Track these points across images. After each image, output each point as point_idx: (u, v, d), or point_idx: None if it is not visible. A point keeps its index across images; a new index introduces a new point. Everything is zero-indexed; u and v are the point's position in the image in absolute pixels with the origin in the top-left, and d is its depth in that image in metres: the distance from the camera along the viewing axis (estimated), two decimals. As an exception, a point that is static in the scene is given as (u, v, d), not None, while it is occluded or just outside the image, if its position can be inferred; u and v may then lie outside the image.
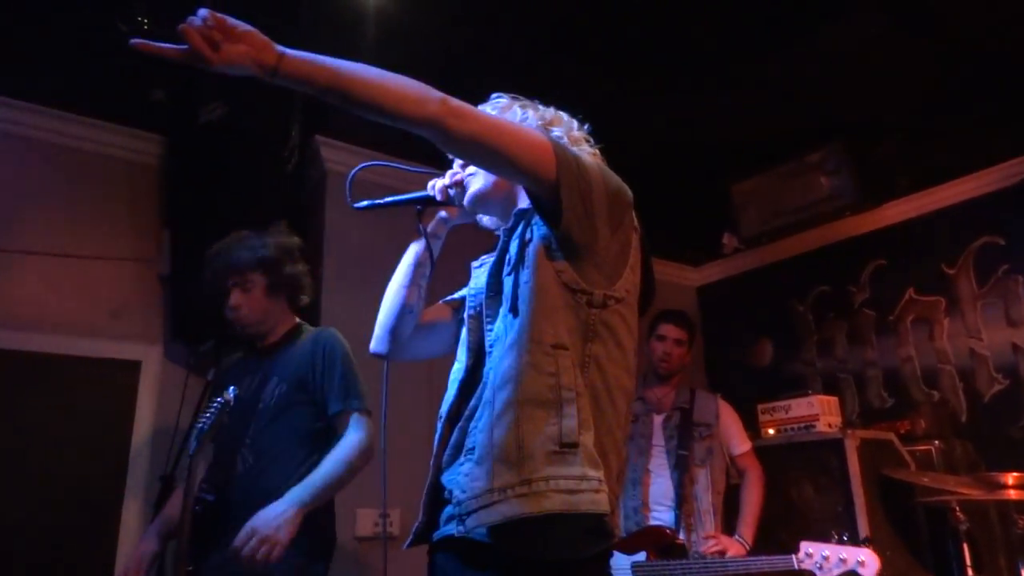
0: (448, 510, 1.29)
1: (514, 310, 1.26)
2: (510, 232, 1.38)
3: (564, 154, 1.25)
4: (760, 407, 3.32)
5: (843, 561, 1.86)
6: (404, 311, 1.52)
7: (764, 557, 2.17)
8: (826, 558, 1.89)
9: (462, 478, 1.21)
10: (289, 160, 3.33)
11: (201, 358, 2.72)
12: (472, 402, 1.30)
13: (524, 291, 1.25)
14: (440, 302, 1.62)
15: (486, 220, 1.58)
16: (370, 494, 3.12)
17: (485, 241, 1.57)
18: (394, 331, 1.52)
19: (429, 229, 1.52)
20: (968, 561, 2.58)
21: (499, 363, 1.24)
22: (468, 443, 1.25)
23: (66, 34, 2.87)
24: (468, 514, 1.17)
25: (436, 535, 1.33)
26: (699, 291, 4.95)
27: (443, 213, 1.56)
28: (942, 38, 3.23)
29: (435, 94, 1.18)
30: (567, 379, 1.20)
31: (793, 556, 1.97)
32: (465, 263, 1.61)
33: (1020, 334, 3.44)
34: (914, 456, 3.07)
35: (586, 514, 1.14)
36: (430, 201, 1.50)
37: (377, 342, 1.54)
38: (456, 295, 1.63)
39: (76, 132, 3.28)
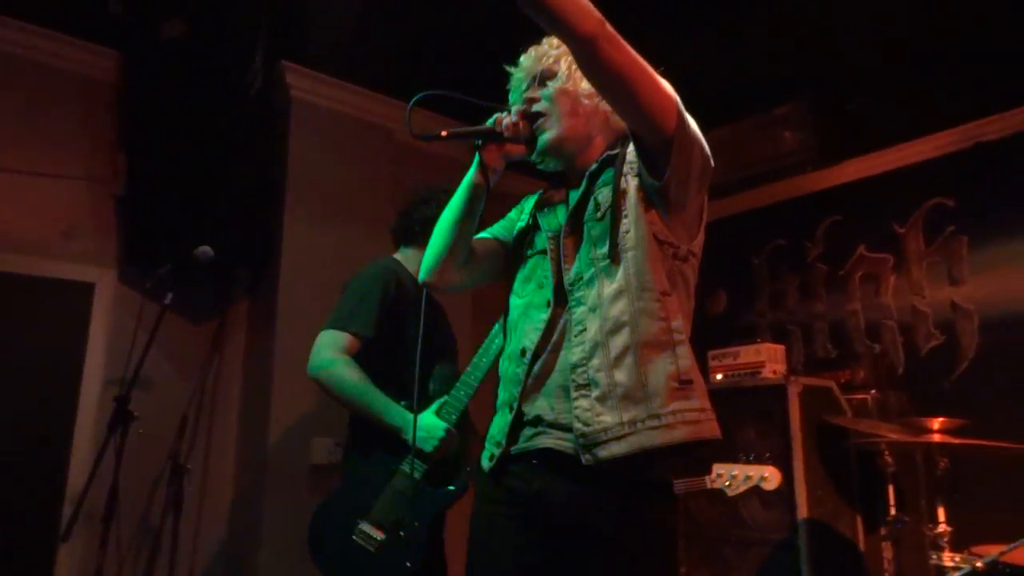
0: (529, 431, 1.41)
1: (615, 257, 1.36)
2: (594, 176, 1.46)
3: (683, 112, 1.32)
4: (710, 353, 3.43)
5: (749, 478, 2.05)
6: (460, 242, 1.53)
7: (681, 481, 2.30)
8: (734, 476, 2.07)
9: (582, 412, 1.32)
10: (252, 84, 3.25)
11: (157, 282, 2.69)
12: (554, 337, 1.41)
13: (628, 240, 1.35)
14: (484, 233, 1.64)
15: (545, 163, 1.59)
16: (326, 422, 3.18)
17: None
18: (448, 262, 1.54)
19: (490, 163, 1.52)
20: (892, 501, 2.75)
21: (606, 308, 1.35)
22: (578, 380, 1.34)
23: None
24: (597, 445, 1.30)
25: (515, 449, 1.43)
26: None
27: (507, 149, 1.54)
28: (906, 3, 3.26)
29: (596, 14, 1.22)
30: (676, 323, 1.36)
31: (706, 477, 2.13)
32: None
33: (959, 292, 3.59)
34: (852, 404, 3.22)
35: (707, 440, 1.33)
36: (494, 135, 1.48)
37: (429, 272, 1.56)
38: (498, 228, 1.67)
39: (28, 42, 3.14)
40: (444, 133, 1.45)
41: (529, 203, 1.65)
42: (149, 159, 3.10)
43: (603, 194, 1.43)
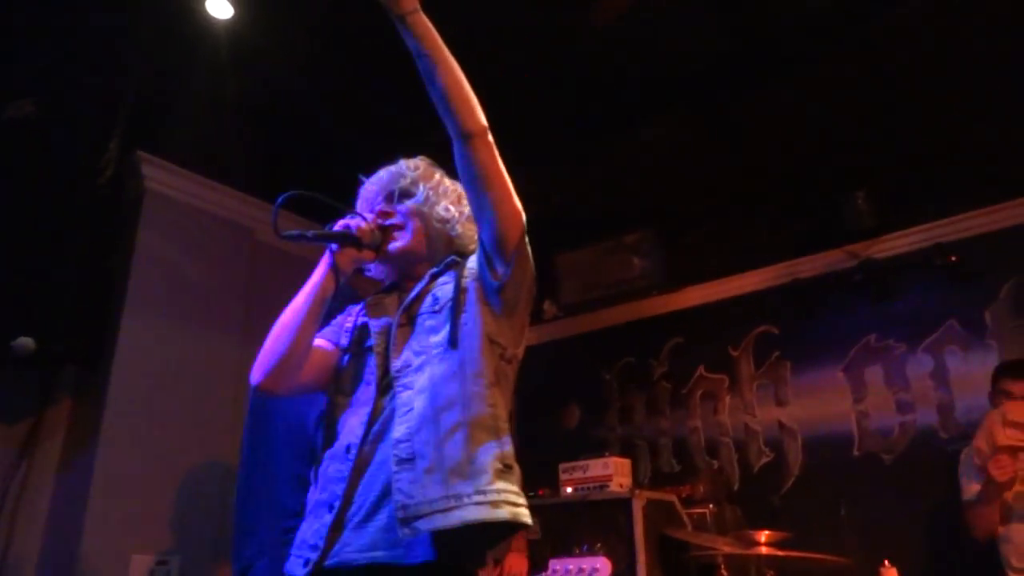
0: (346, 538, 1.36)
1: (453, 343, 1.43)
2: (435, 276, 1.57)
3: (525, 228, 1.47)
4: (561, 466, 3.48)
5: (582, 570, 2.09)
6: (302, 345, 1.51)
7: None
8: (568, 570, 2.11)
9: (406, 485, 1.31)
10: (103, 172, 3.12)
11: None
12: (376, 428, 1.43)
13: (466, 331, 1.45)
14: (318, 339, 1.62)
15: (373, 271, 1.72)
16: (149, 537, 2.88)
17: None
18: (287, 364, 1.50)
19: (342, 266, 1.55)
20: (728, 614, 2.83)
21: (439, 387, 1.40)
22: (401, 454, 1.35)
23: None
24: (420, 517, 1.28)
25: (329, 563, 1.36)
26: (518, 353, 5.14)
27: (357, 256, 1.58)
28: (738, 148, 3.74)
29: (483, 119, 1.42)
30: (502, 412, 1.43)
31: (543, 573, 2.15)
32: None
33: (785, 413, 3.92)
34: (692, 518, 3.35)
35: (523, 526, 1.36)
36: (354, 240, 1.53)
37: (266, 375, 1.50)
38: (329, 332, 1.66)
39: None
40: (310, 234, 1.50)
41: (355, 307, 1.70)
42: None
43: (443, 291, 1.53)
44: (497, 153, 1.43)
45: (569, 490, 3.39)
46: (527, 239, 1.49)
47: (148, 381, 3.10)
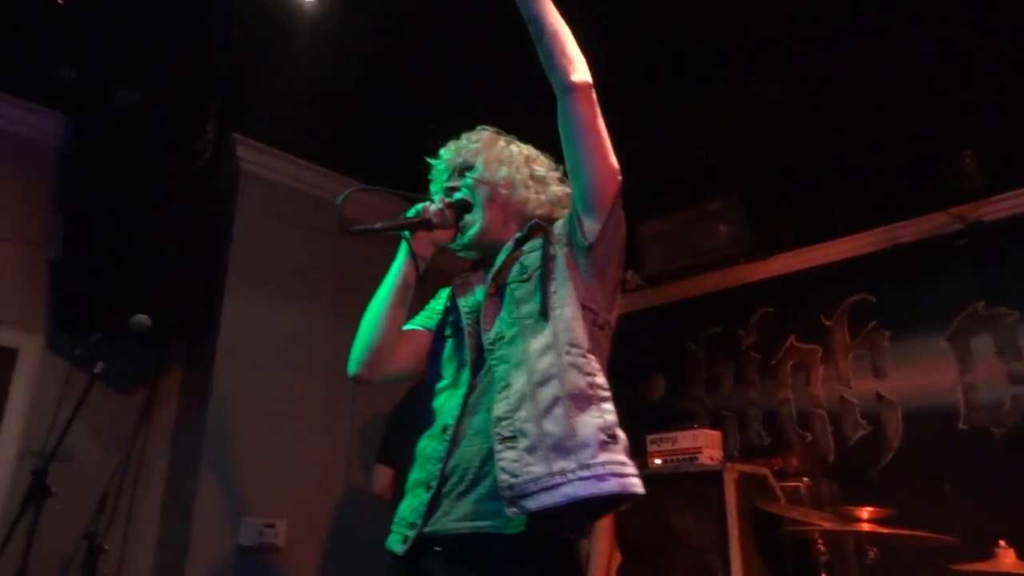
0: (444, 507, 1.38)
1: (545, 313, 1.41)
2: (520, 242, 1.55)
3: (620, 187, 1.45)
4: (649, 438, 3.47)
5: None
6: (390, 333, 1.55)
7: None
8: None
9: (509, 464, 1.30)
10: (202, 155, 3.25)
11: (88, 350, 2.59)
12: (472, 403, 1.43)
13: (557, 299, 1.42)
14: (410, 325, 1.65)
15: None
16: (258, 501, 3.05)
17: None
18: (379, 353, 1.55)
19: (419, 252, 1.57)
20: (826, 589, 2.77)
21: (533, 361, 1.37)
22: (503, 432, 1.34)
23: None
24: (526, 496, 1.28)
25: (428, 530, 1.39)
26: (601, 324, 5.11)
27: (434, 237, 1.61)
28: (829, 107, 3.56)
29: (588, 75, 1.43)
30: (601, 379, 1.40)
31: None
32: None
33: (883, 384, 3.76)
34: (785, 491, 3.28)
35: (633, 495, 1.34)
36: (424, 224, 1.53)
37: (360, 365, 1.55)
38: (421, 318, 1.69)
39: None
40: (378, 226, 1.50)
41: (446, 290, 1.70)
42: (88, 223, 3.03)
43: (530, 259, 1.51)
44: (599, 110, 1.42)
45: (658, 461, 3.38)
46: (621, 201, 1.46)
47: (251, 352, 3.25)
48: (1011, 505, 3.07)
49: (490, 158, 1.62)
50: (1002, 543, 2.31)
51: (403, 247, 1.56)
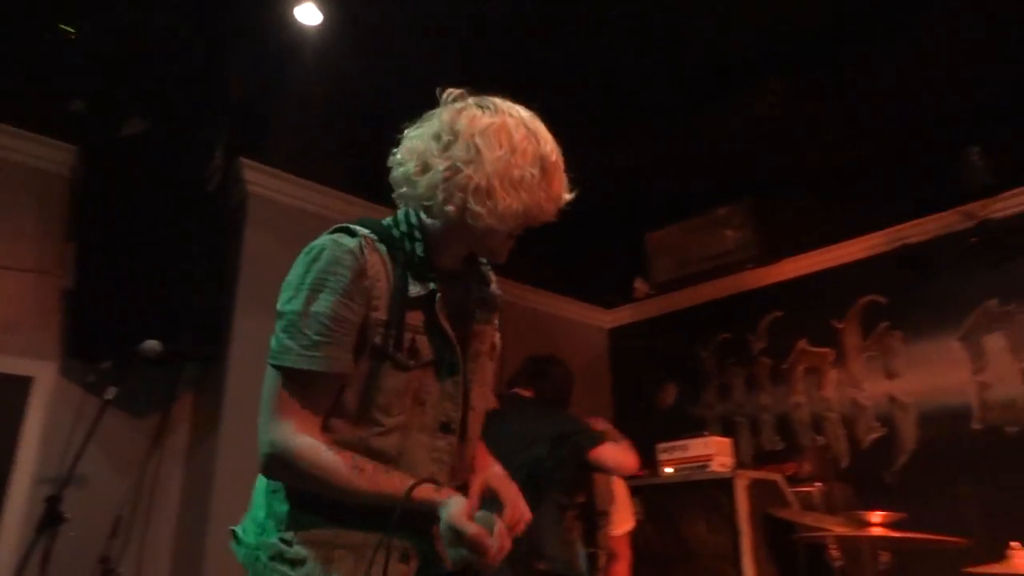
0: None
1: None
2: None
3: None
4: (659, 446, 3.46)
5: None
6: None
7: None
8: None
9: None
10: (210, 180, 3.31)
11: (101, 377, 2.64)
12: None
13: None
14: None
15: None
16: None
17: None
18: None
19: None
20: (840, 597, 2.75)
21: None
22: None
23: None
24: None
25: None
26: (611, 333, 5.12)
27: None
28: (834, 110, 3.55)
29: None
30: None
31: None
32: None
33: (896, 386, 3.73)
34: (798, 497, 3.27)
35: None
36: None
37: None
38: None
39: (-16, 136, 3.17)
40: None
41: (377, 283, 1.26)
42: (99, 251, 3.10)
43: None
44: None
45: (669, 470, 3.38)
46: None
47: (262, 373, 3.28)
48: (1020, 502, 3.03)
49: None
50: (1015, 544, 2.28)
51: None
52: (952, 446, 3.45)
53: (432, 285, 1.28)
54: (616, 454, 2.71)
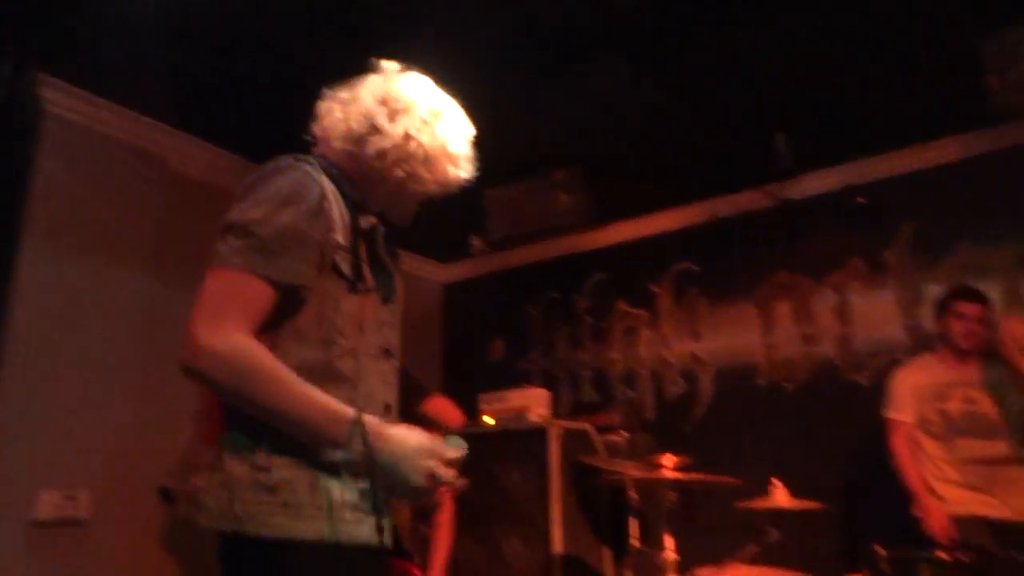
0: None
1: None
2: None
3: None
4: (481, 397, 3.58)
5: None
6: None
7: None
8: None
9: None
10: (-6, 93, 2.93)
11: None
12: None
13: None
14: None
15: None
16: (55, 470, 2.84)
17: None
18: None
19: None
20: (634, 533, 3.01)
21: None
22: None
23: None
24: None
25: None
26: (445, 287, 5.17)
27: None
28: (665, 91, 3.75)
29: None
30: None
31: None
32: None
33: (699, 346, 4.09)
34: (606, 445, 3.51)
35: None
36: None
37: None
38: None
39: None
40: None
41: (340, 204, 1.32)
42: None
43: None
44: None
45: (489, 420, 3.49)
46: None
47: (52, 311, 2.99)
48: (792, 449, 3.47)
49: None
50: (775, 481, 2.60)
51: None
52: (741, 400, 3.85)
53: (375, 220, 1.37)
54: (444, 407, 2.76)
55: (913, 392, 2.99)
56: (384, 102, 1.37)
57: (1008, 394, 2.82)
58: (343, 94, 1.42)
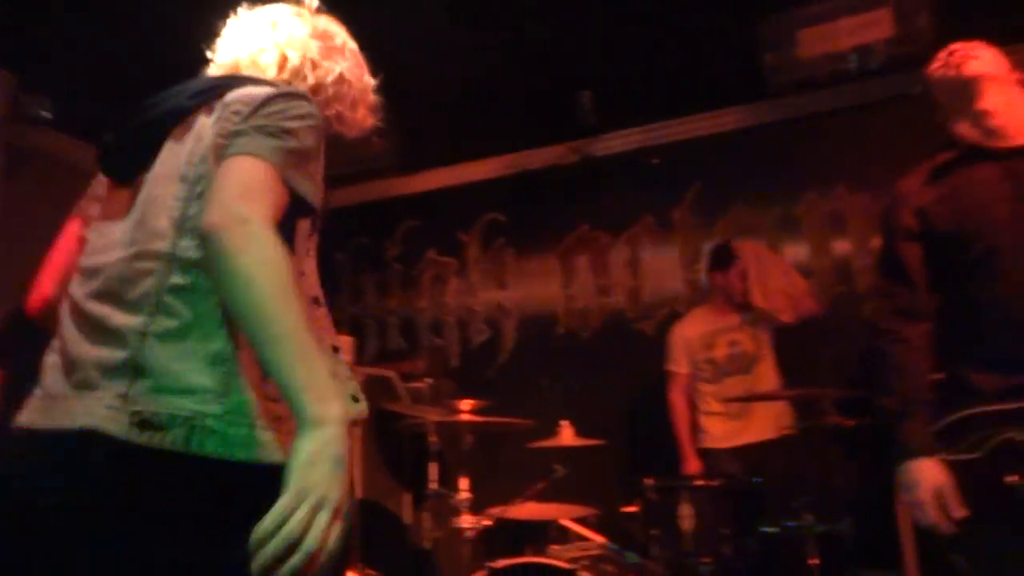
0: None
1: None
2: None
3: None
4: (283, 345, 3.44)
5: None
6: None
7: None
8: None
9: None
10: None
11: None
12: None
13: None
14: None
15: None
16: None
17: None
18: None
19: None
20: (433, 477, 3.08)
21: None
22: None
23: None
24: None
25: None
26: (248, 230, 4.87)
27: None
28: (483, 42, 3.73)
29: None
30: None
31: None
32: None
33: (504, 295, 4.23)
34: (409, 392, 3.54)
35: None
36: None
37: None
38: None
39: None
40: None
41: None
42: None
43: None
44: None
45: (289, 368, 3.38)
46: None
47: None
48: (584, 392, 3.72)
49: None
50: (563, 422, 2.78)
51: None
52: (540, 347, 4.05)
53: None
54: None
55: (686, 345, 3.33)
56: (320, 37, 1.29)
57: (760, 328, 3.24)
58: (265, 17, 1.28)
